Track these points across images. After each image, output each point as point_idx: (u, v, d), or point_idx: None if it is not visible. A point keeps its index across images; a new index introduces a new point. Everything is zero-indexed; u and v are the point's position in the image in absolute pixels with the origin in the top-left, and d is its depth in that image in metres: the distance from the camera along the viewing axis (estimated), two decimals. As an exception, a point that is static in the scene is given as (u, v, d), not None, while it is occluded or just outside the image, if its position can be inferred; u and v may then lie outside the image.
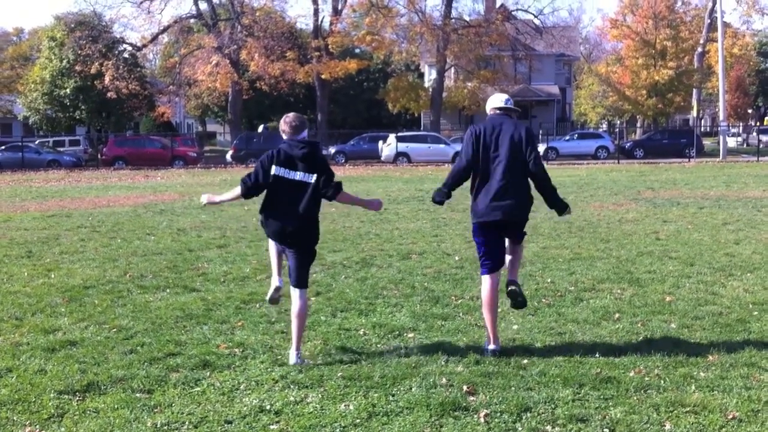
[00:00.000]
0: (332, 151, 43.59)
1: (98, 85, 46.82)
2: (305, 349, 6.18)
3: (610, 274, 9.16)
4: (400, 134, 43.08)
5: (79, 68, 47.35)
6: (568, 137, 47.19)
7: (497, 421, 4.73)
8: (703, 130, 59.94)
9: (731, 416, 4.73)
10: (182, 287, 8.70)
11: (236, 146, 43.08)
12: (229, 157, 42.99)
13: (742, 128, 63.39)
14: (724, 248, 10.91)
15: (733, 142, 55.15)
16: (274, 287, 6.09)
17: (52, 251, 11.49)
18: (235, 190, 6.13)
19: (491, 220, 6.07)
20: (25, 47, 73.47)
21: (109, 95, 46.32)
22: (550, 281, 8.81)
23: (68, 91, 49.08)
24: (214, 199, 6.28)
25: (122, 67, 47.92)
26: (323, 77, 48.62)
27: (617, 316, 7.17)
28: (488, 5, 52.35)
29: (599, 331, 6.68)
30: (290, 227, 5.88)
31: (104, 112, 51.19)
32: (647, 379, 5.40)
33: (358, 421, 4.75)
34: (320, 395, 5.18)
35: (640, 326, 6.81)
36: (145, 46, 52.60)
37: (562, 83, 62.28)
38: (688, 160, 40.02)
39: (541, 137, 44.64)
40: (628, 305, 7.59)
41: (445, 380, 5.39)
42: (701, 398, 5.00)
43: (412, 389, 5.24)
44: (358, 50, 59.92)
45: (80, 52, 47.18)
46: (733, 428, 4.59)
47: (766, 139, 50.93)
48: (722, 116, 44.36)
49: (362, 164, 40.56)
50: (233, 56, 47.03)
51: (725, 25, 49.02)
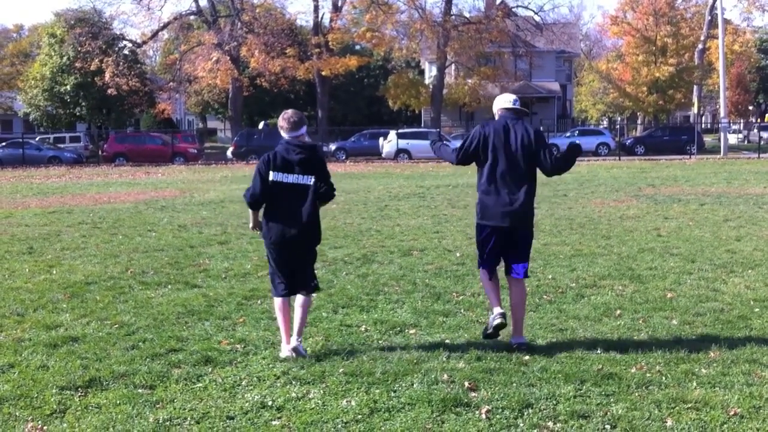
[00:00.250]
0: (333, 147, 43.63)
1: (98, 81, 46.84)
2: (307, 345, 6.19)
3: (611, 270, 9.16)
4: (400, 131, 43.09)
5: (79, 65, 47.37)
6: (568, 134, 47.18)
7: (498, 417, 4.73)
8: (703, 126, 59.80)
9: (733, 413, 4.73)
10: (184, 283, 8.70)
11: (237, 143, 43.13)
12: (229, 153, 43.06)
13: (742, 125, 63.41)
14: (725, 245, 10.91)
15: (733, 138, 55.12)
16: (287, 352, 5.91)
17: (53, 247, 11.49)
18: (249, 212, 6.22)
19: (495, 225, 6.06)
20: (25, 44, 73.50)
21: (109, 92, 46.35)
22: (551, 277, 8.81)
23: (68, 87, 49.11)
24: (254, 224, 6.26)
25: (122, 63, 47.95)
26: (323, 74, 48.62)
27: (618, 312, 7.17)
28: (488, 2, 52.27)
29: (600, 327, 6.69)
30: (293, 230, 5.91)
31: (105, 108, 51.21)
32: (649, 375, 5.41)
33: (359, 417, 4.76)
34: (322, 391, 5.18)
35: (641, 323, 6.81)
36: (145, 42, 52.60)
37: (562, 80, 62.30)
38: (689, 156, 40.02)
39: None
40: (629, 302, 7.59)
41: (446, 376, 5.39)
42: (703, 395, 5.00)
43: (413, 385, 5.25)
44: (358, 47, 59.91)
45: (80, 48, 47.20)
46: (734, 425, 4.59)
47: (766, 135, 50.92)
48: (723, 113, 44.34)
49: (363, 161, 40.56)
50: (233, 53, 47.03)
51: (726, 21, 48.96)
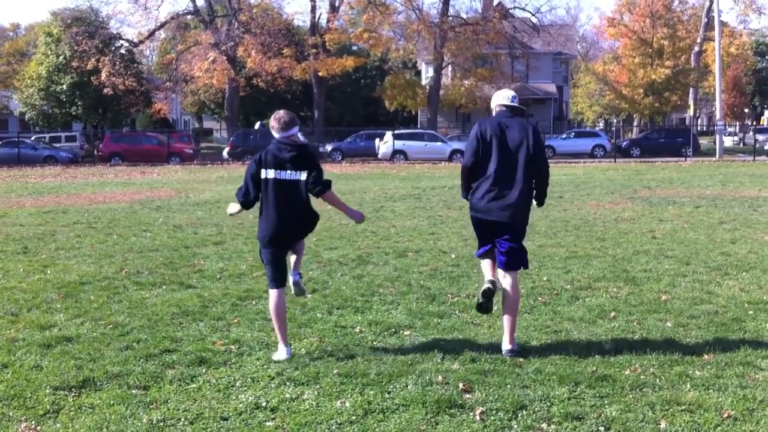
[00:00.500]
0: (329, 148, 43.59)
1: (95, 81, 46.73)
2: (301, 346, 6.19)
3: (606, 272, 9.17)
4: (397, 132, 43.04)
5: (75, 64, 47.28)
6: (565, 136, 47.27)
7: (493, 419, 4.73)
8: (699, 129, 59.94)
9: (726, 415, 4.74)
10: (178, 284, 8.69)
11: (233, 143, 43.07)
12: (225, 153, 42.99)
13: (738, 128, 63.48)
14: (720, 247, 10.93)
15: (729, 141, 55.23)
16: (283, 357, 5.87)
17: (48, 247, 11.47)
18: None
19: (490, 219, 6.06)
20: (21, 43, 73.47)
21: (105, 91, 46.23)
22: (546, 279, 8.81)
23: (65, 87, 49.03)
24: (233, 210, 6.35)
25: (119, 63, 47.87)
26: (320, 74, 48.56)
27: (613, 314, 7.18)
28: (485, 3, 52.26)
29: (595, 329, 6.69)
30: (286, 227, 5.92)
31: (100, 108, 51.13)
32: (643, 377, 5.41)
33: (353, 418, 4.76)
34: (316, 392, 5.18)
35: (635, 325, 6.82)
36: (141, 42, 52.56)
37: (559, 81, 62.30)
38: (684, 159, 40.07)
39: (538, 136, 44.57)
40: (624, 304, 7.60)
41: (440, 378, 5.39)
42: (697, 397, 5.01)
43: (408, 387, 5.25)
44: (355, 47, 59.88)
45: (77, 48, 47.12)
46: (728, 427, 4.60)
47: (762, 138, 51.05)
48: (719, 115, 44.38)
49: (359, 162, 40.55)
50: (230, 53, 46.98)
51: (722, 24, 49.03)
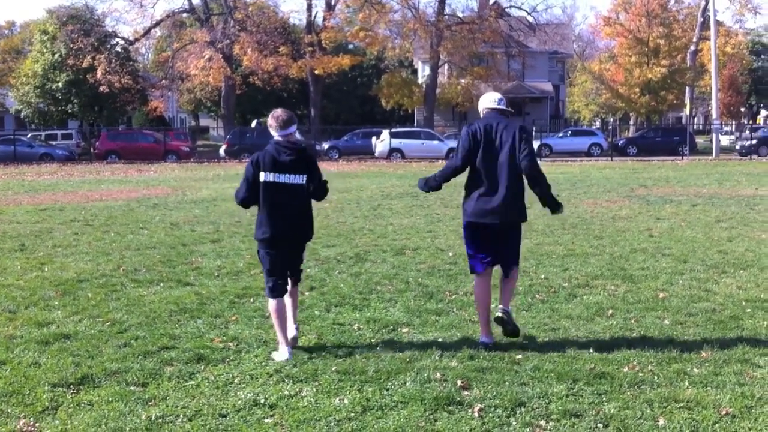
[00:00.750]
0: (326, 146, 43.59)
1: (90, 78, 46.68)
2: (299, 343, 6.19)
3: (603, 270, 9.18)
4: (393, 130, 43.05)
5: (71, 62, 47.18)
6: (561, 134, 47.29)
7: (491, 415, 4.74)
8: (696, 128, 60.00)
9: (724, 412, 4.75)
10: (176, 281, 8.69)
11: (229, 141, 43.06)
12: (222, 151, 42.98)
13: (734, 127, 63.57)
14: (717, 245, 10.95)
15: (725, 140, 55.29)
16: (284, 357, 5.80)
17: (45, 245, 11.46)
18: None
19: (483, 222, 6.06)
20: (17, 40, 73.17)
21: (101, 89, 46.16)
22: (543, 277, 8.82)
23: (60, 84, 48.91)
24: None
25: (114, 61, 47.81)
26: (316, 73, 48.56)
27: (611, 312, 7.19)
28: (481, 2, 52.26)
29: (593, 327, 6.70)
30: (287, 230, 5.93)
31: (96, 106, 50.99)
32: (641, 374, 5.42)
33: (352, 415, 4.76)
34: (314, 389, 5.18)
35: (633, 322, 6.83)
36: (137, 40, 52.48)
37: (555, 80, 62.39)
38: (681, 157, 40.13)
39: (534, 134, 44.67)
40: (621, 301, 7.61)
41: (439, 375, 5.40)
42: (695, 394, 5.02)
43: (406, 384, 5.25)
44: (351, 46, 59.83)
45: (72, 45, 47.02)
46: (726, 424, 4.61)
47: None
48: (715, 114, 44.48)
49: (356, 160, 40.54)
50: (226, 51, 46.95)
51: (718, 23, 49.12)
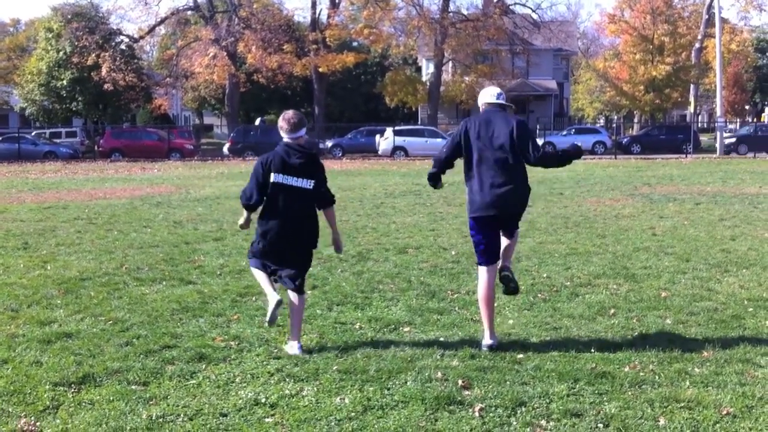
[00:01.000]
0: (329, 144, 43.58)
1: (95, 76, 46.70)
2: (301, 341, 6.19)
3: (606, 269, 9.17)
4: (397, 128, 43.00)
5: (75, 60, 47.24)
6: (565, 132, 47.21)
7: (492, 415, 4.74)
8: (700, 126, 59.87)
9: (725, 412, 4.75)
10: (178, 280, 8.69)
11: (233, 139, 43.06)
12: (226, 149, 42.99)
13: (739, 125, 63.38)
14: (720, 244, 10.93)
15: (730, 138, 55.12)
16: (274, 303, 5.84)
17: (48, 243, 11.48)
18: (243, 211, 6.13)
19: (487, 215, 6.09)
20: (21, 38, 73.33)
21: (105, 87, 46.20)
22: (546, 276, 8.82)
23: (65, 82, 48.96)
24: (242, 222, 6.20)
25: (119, 58, 47.82)
26: (320, 70, 48.55)
27: (613, 311, 7.18)
28: (486, -1, 52.35)
29: (595, 326, 6.70)
30: (291, 232, 5.91)
31: (101, 103, 51.06)
32: (642, 374, 5.42)
33: (353, 414, 4.76)
34: (315, 388, 5.19)
35: (635, 322, 6.82)
36: (142, 37, 52.53)
37: (559, 78, 62.33)
38: (685, 155, 40.04)
39: (538, 132, 44.66)
40: (623, 301, 7.60)
41: (440, 374, 5.40)
42: (696, 394, 5.02)
43: (407, 383, 5.25)
44: (355, 43, 59.78)
45: (77, 43, 47.08)
46: (727, 424, 4.60)
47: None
48: (719, 112, 44.36)
49: (359, 158, 40.55)
50: (230, 48, 46.97)
51: (723, 20, 48.96)
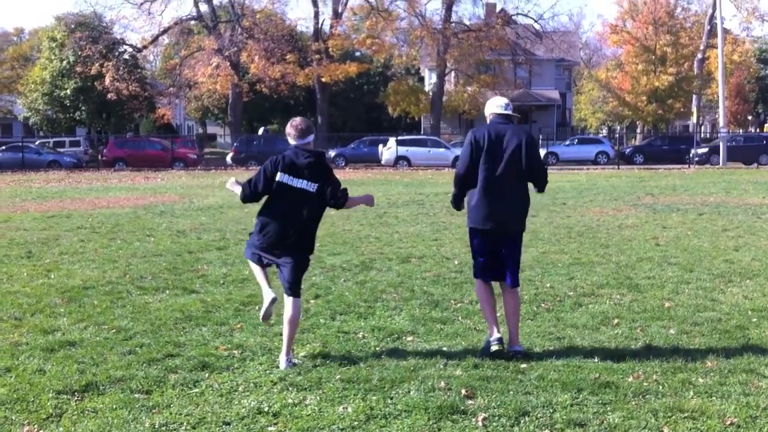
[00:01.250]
0: (332, 154, 43.62)
1: (98, 86, 46.84)
2: (304, 350, 6.20)
3: (609, 279, 9.17)
4: (400, 138, 43.06)
5: (79, 69, 47.39)
6: (568, 142, 47.27)
7: (495, 425, 4.73)
8: (702, 136, 59.85)
9: (729, 422, 4.74)
10: (181, 289, 8.70)
11: (236, 148, 43.15)
12: (229, 159, 43.08)
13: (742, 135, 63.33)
14: (723, 255, 10.92)
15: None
16: (268, 300, 5.91)
17: (51, 252, 11.49)
18: (241, 188, 6.07)
19: (484, 228, 6.08)
20: (25, 47, 73.48)
21: (109, 96, 46.34)
22: (549, 286, 8.81)
23: (68, 91, 49.11)
24: (232, 188, 6.18)
25: (122, 68, 47.98)
26: (323, 80, 48.64)
27: (616, 321, 7.17)
28: (488, 10, 52.45)
29: (598, 336, 6.69)
30: (290, 234, 5.88)
31: (104, 113, 51.20)
32: (646, 384, 5.41)
33: (356, 423, 4.76)
34: (318, 397, 5.18)
35: (639, 332, 6.81)
36: (145, 47, 52.68)
37: (562, 88, 62.39)
38: (687, 166, 40.04)
39: (541, 142, 44.67)
40: (627, 311, 7.59)
41: (443, 384, 5.39)
42: (699, 404, 5.00)
43: (410, 392, 5.24)
44: (358, 53, 59.92)
45: (80, 52, 47.23)
46: (731, 434, 4.59)
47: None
48: (722, 123, 44.36)
49: (362, 167, 40.58)
50: (233, 58, 47.07)
51: (725, 31, 49.02)
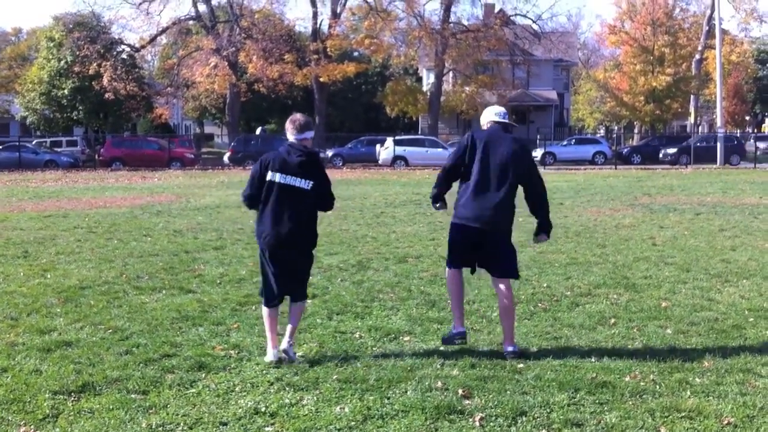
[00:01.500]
0: (330, 154, 43.64)
1: (96, 85, 46.81)
2: (301, 350, 6.20)
3: (606, 279, 9.17)
4: (397, 138, 43.05)
5: (77, 69, 47.38)
6: (565, 142, 47.30)
7: (492, 425, 4.72)
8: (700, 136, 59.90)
9: (726, 422, 4.74)
10: (178, 289, 8.68)
11: (234, 148, 43.13)
12: (226, 158, 43.06)
13: (739, 135, 63.42)
14: (720, 254, 10.92)
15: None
16: (270, 357, 5.87)
17: (48, 251, 11.47)
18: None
19: (469, 225, 6.08)
20: (23, 47, 73.53)
21: (106, 96, 46.30)
22: (546, 286, 8.81)
23: (66, 91, 49.10)
24: None
25: (120, 68, 47.95)
26: (321, 80, 48.64)
27: (613, 321, 7.17)
28: (487, 10, 52.47)
29: (595, 336, 6.69)
30: (285, 231, 5.88)
31: (102, 112, 51.18)
32: (643, 384, 5.41)
33: (353, 423, 4.75)
34: (315, 398, 5.18)
35: (635, 331, 6.81)
36: (143, 47, 52.65)
37: (560, 88, 62.44)
38: (685, 166, 40.07)
39: (538, 142, 44.72)
40: (624, 310, 7.59)
41: (440, 384, 5.39)
42: (696, 404, 5.01)
43: (407, 392, 5.24)
44: (356, 53, 59.92)
45: (78, 52, 47.19)
46: (728, 434, 4.60)
47: (762, 146, 51.07)
48: (720, 123, 44.41)
49: (360, 167, 40.58)
50: (231, 58, 47.06)
51: (723, 32, 49.07)
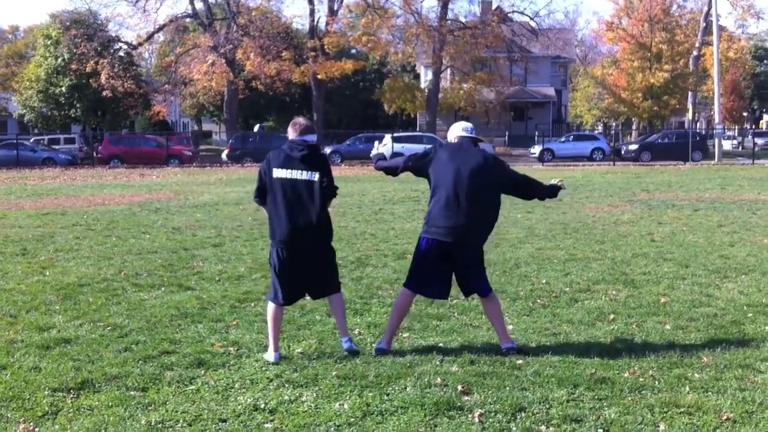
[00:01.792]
0: (328, 151, 43.60)
1: (94, 83, 46.71)
2: (300, 347, 6.20)
3: (605, 275, 9.17)
4: (395, 135, 43.04)
5: (74, 66, 47.27)
6: (563, 139, 47.29)
7: (491, 420, 4.73)
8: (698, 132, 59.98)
9: (725, 417, 4.75)
10: (177, 286, 8.68)
11: (232, 145, 43.12)
12: (224, 156, 43.01)
13: (737, 131, 63.55)
14: (719, 250, 10.93)
15: (728, 145, 55.27)
16: (270, 358, 5.87)
17: (46, 249, 11.46)
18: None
19: (441, 239, 5.98)
20: (20, 45, 73.37)
21: (104, 94, 46.21)
22: (545, 282, 8.81)
23: (63, 89, 49.02)
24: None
25: (118, 65, 47.86)
26: (319, 77, 48.58)
27: (612, 317, 7.18)
28: (484, 7, 52.47)
29: (594, 332, 6.70)
30: (301, 223, 5.81)
31: (99, 110, 51.10)
32: (642, 379, 5.41)
33: (352, 420, 4.75)
34: (315, 394, 5.18)
35: (634, 327, 6.82)
36: (140, 44, 52.52)
37: (557, 85, 62.41)
38: (683, 162, 40.09)
39: (536, 139, 44.72)
40: (622, 306, 7.60)
41: (439, 380, 5.39)
42: (695, 399, 5.01)
43: (406, 389, 5.24)
44: (354, 51, 59.88)
45: (76, 50, 47.10)
46: (727, 429, 4.60)
47: (761, 142, 51.13)
48: (717, 119, 44.44)
49: (358, 164, 40.55)
50: (229, 56, 47.00)
51: (721, 28, 49.08)
